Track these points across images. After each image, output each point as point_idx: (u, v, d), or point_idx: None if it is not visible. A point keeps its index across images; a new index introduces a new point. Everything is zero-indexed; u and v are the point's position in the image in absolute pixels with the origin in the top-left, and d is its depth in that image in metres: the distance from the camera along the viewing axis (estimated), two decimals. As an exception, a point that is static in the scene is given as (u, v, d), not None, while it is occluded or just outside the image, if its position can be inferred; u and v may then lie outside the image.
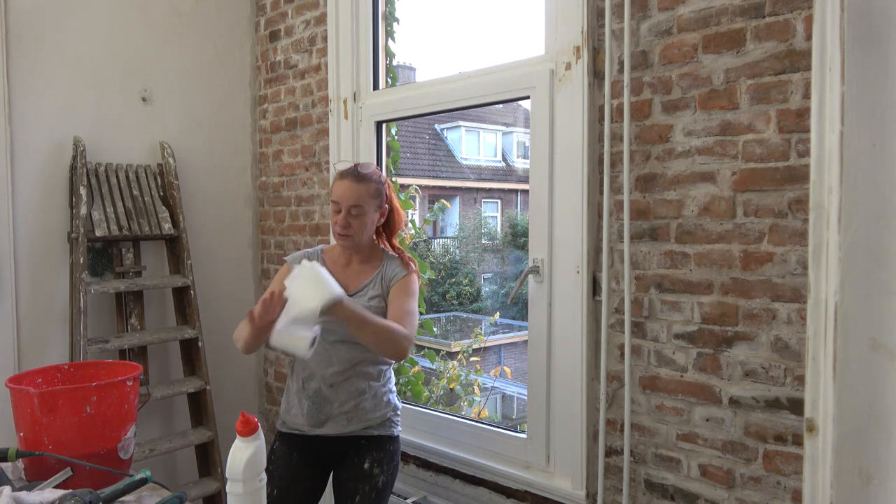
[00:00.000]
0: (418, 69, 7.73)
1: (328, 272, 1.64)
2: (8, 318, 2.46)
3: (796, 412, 1.53)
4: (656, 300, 1.76)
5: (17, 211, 2.48)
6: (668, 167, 1.72)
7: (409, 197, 3.06)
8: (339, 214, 1.81)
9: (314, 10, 2.79)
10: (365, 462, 1.84)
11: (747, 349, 1.60)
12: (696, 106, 1.67)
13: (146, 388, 2.45)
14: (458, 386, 4.20)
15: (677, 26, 1.69)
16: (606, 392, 1.87)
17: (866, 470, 0.94)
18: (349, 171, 1.84)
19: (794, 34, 1.50)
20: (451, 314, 11.39)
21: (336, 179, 1.85)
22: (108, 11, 2.69)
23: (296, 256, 1.96)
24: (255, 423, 1.17)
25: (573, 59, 1.88)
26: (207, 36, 2.98)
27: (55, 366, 1.82)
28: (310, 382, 1.86)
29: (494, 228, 13.89)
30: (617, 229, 1.83)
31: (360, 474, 1.84)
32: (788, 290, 1.53)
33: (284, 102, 2.99)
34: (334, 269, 1.83)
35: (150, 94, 2.82)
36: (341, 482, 1.87)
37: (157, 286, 2.72)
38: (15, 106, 2.46)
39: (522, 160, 14.23)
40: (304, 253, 1.97)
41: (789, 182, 1.52)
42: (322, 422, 1.86)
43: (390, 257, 1.92)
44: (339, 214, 1.81)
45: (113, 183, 2.66)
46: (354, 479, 1.84)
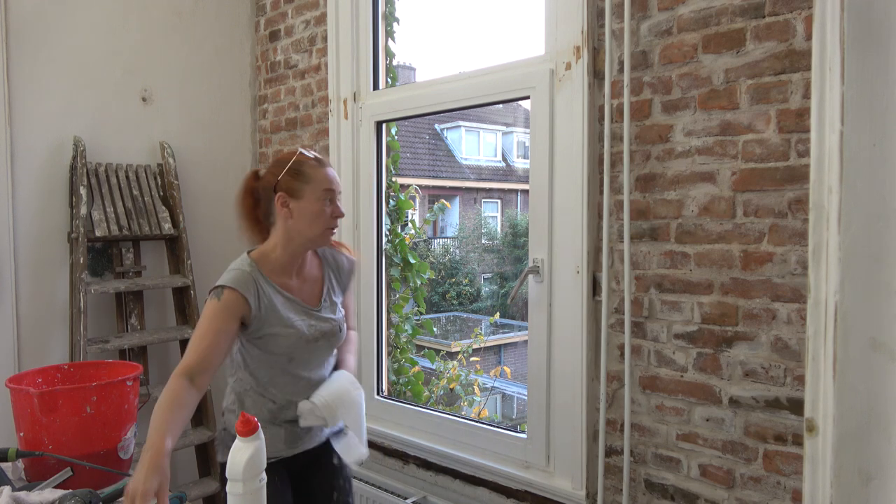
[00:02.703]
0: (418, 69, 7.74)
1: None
2: (8, 318, 2.46)
3: (796, 412, 1.53)
4: (656, 300, 1.76)
5: (17, 211, 2.48)
6: (668, 167, 1.72)
7: (409, 197, 3.06)
8: (333, 204, 1.66)
9: (314, 10, 2.79)
10: (333, 457, 1.79)
11: (747, 349, 1.60)
12: (696, 106, 1.67)
13: (146, 388, 2.45)
14: (458, 386, 4.21)
15: (677, 26, 1.69)
16: (606, 392, 1.87)
17: (866, 470, 0.94)
18: (322, 158, 1.71)
19: (794, 34, 1.50)
20: (451, 314, 11.40)
21: (317, 167, 1.66)
22: (108, 11, 2.69)
23: (239, 282, 1.58)
24: (255, 423, 1.17)
25: (573, 59, 1.88)
26: (207, 36, 2.98)
27: (55, 366, 1.82)
28: (286, 411, 1.68)
29: (494, 228, 13.89)
30: (617, 229, 1.83)
31: (334, 471, 1.81)
32: (788, 290, 1.53)
33: (284, 102, 2.99)
34: (286, 282, 1.66)
35: (150, 94, 2.82)
36: (318, 485, 1.80)
37: (157, 286, 2.72)
38: (15, 106, 2.46)
39: (522, 160, 14.24)
40: (238, 272, 1.61)
41: (789, 182, 1.52)
42: (302, 439, 1.73)
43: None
44: (332, 204, 1.65)
45: (113, 183, 2.67)
46: (329, 477, 1.81)
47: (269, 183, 1.66)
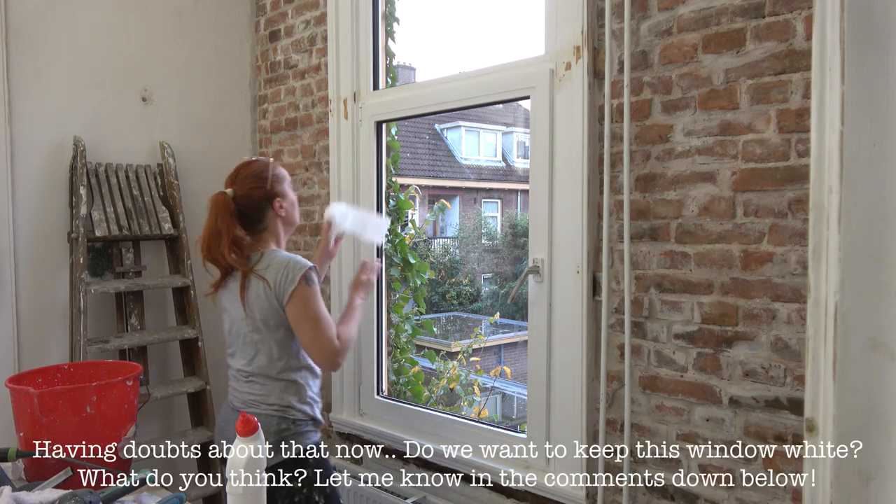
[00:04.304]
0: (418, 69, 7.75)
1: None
2: (8, 318, 2.46)
3: (796, 412, 1.53)
4: (656, 300, 1.76)
5: (17, 211, 2.48)
6: (668, 167, 1.72)
7: (409, 197, 3.06)
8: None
9: (314, 10, 2.79)
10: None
11: (747, 349, 1.60)
12: (696, 106, 1.67)
13: (146, 388, 2.45)
14: (458, 386, 4.21)
15: (677, 26, 1.69)
16: (606, 392, 1.87)
17: (866, 470, 0.94)
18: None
19: (794, 34, 1.50)
20: (451, 314, 11.40)
21: (278, 165, 1.93)
22: (108, 11, 2.69)
23: (307, 261, 1.81)
24: (255, 423, 1.17)
25: (573, 59, 1.88)
26: (207, 36, 2.98)
27: (55, 366, 1.82)
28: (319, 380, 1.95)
29: (494, 228, 13.90)
30: (617, 229, 1.83)
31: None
32: (788, 290, 1.53)
33: (284, 102, 2.99)
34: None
35: (150, 94, 2.82)
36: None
37: (157, 286, 2.72)
38: (15, 106, 2.46)
39: (522, 160, 14.25)
40: (293, 257, 1.81)
41: (789, 182, 1.52)
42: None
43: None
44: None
45: (113, 183, 2.67)
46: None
47: (259, 196, 1.84)
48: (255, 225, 1.85)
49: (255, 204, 1.83)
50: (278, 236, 1.89)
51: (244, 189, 1.82)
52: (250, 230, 1.85)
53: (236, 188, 1.82)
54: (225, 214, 1.78)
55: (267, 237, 1.87)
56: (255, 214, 1.84)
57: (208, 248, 1.79)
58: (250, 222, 1.84)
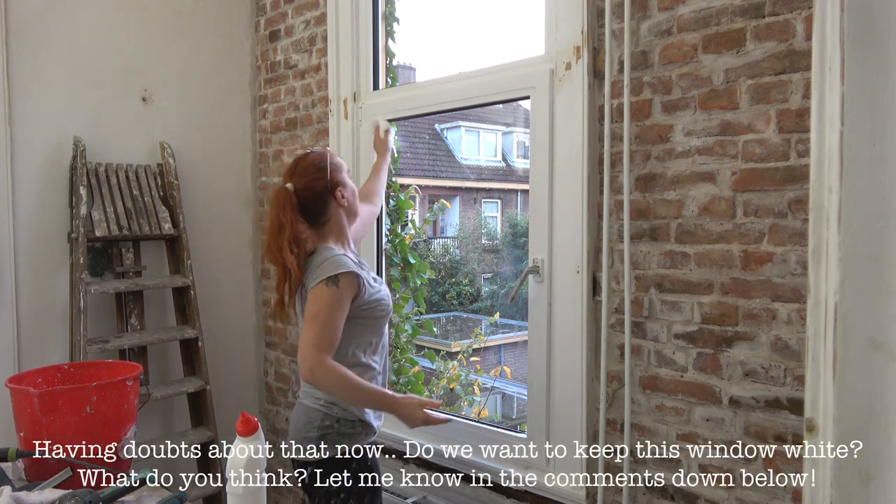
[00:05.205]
0: (418, 69, 7.74)
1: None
2: (8, 318, 2.46)
3: (796, 412, 1.53)
4: (656, 300, 1.76)
5: (17, 211, 2.48)
6: (668, 167, 1.72)
7: (409, 197, 3.06)
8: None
9: (314, 10, 2.79)
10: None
11: (747, 349, 1.60)
12: (696, 106, 1.67)
13: (146, 388, 2.45)
14: (458, 386, 4.21)
15: (677, 26, 1.69)
16: (606, 392, 1.87)
17: (866, 470, 0.94)
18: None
19: (794, 34, 1.50)
20: (451, 314, 11.39)
21: (334, 154, 1.88)
22: (108, 11, 2.69)
23: (347, 265, 1.71)
24: (255, 423, 1.17)
25: (573, 59, 1.88)
26: (207, 36, 2.98)
27: (55, 366, 1.82)
28: (382, 377, 1.86)
29: (494, 228, 13.89)
30: (617, 229, 1.83)
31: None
32: (788, 290, 1.53)
33: (284, 102, 2.99)
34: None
35: (150, 94, 2.82)
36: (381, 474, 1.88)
37: (157, 286, 2.72)
38: (15, 106, 2.46)
39: (522, 160, 14.24)
40: (338, 257, 1.73)
41: (789, 182, 1.52)
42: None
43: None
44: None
45: (113, 183, 2.67)
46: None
47: (319, 187, 1.77)
48: (318, 218, 1.78)
49: (316, 196, 1.76)
50: (342, 226, 1.81)
51: (304, 181, 1.75)
52: (313, 223, 1.78)
53: (296, 181, 1.75)
54: (287, 208, 1.71)
55: (329, 229, 1.79)
56: (317, 207, 1.77)
57: (268, 245, 1.74)
58: (312, 215, 1.77)
